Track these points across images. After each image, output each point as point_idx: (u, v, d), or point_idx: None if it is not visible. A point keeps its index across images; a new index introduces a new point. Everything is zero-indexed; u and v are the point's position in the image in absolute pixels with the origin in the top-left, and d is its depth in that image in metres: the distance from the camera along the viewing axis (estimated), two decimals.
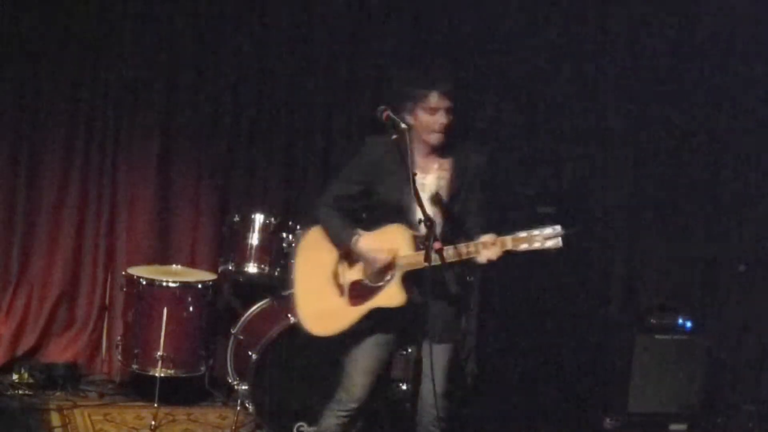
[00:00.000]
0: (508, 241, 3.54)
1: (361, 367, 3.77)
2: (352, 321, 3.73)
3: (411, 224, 3.66)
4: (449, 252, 3.54)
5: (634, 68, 6.29)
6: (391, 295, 3.67)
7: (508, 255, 3.57)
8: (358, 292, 3.76)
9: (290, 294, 4.08)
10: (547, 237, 3.51)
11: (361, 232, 3.73)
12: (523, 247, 3.52)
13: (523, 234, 3.53)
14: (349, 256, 3.79)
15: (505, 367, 6.12)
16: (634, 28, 6.28)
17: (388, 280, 3.69)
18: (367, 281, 3.75)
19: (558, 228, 3.51)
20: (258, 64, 5.82)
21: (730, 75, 6.26)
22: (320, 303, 3.82)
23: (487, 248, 3.54)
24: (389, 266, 3.68)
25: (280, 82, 5.87)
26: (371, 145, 3.78)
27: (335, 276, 3.81)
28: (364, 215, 3.89)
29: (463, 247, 3.57)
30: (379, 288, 3.71)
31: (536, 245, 3.51)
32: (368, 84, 5.94)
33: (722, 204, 6.34)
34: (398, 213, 3.69)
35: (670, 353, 5.68)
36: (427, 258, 3.42)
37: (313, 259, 3.87)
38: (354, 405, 3.79)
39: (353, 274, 3.79)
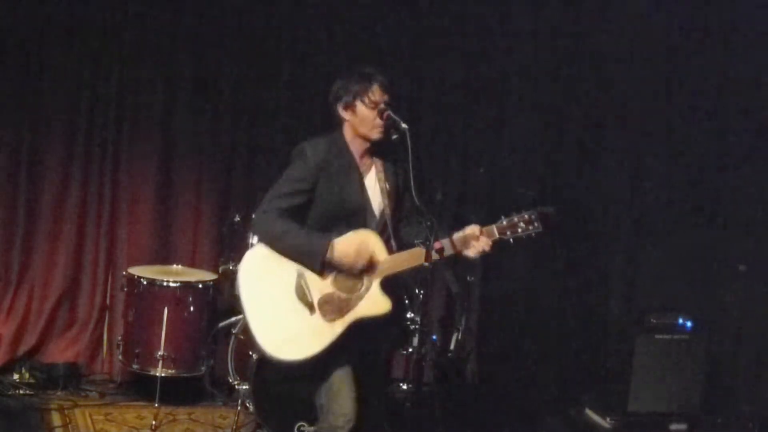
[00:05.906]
0: (494, 230, 3.57)
1: (348, 383, 3.56)
2: (333, 337, 3.50)
3: (367, 226, 3.57)
4: (447, 248, 3.51)
5: (633, 69, 6.30)
6: (375, 303, 3.51)
7: (497, 246, 3.60)
8: (333, 306, 3.53)
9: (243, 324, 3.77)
10: (527, 221, 3.56)
11: (333, 237, 3.50)
12: (509, 233, 3.57)
13: (504, 222, 3.58)
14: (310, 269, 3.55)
15: (505, 367, 6.13)
16: (633, 29, 6.29)
17: (366, 288, 3.52)
18: (340, 292, 3.53)
19: (534, 211, 3.58)
20: (258, 64, 5.82)
21: (730, 75, 6.26)
22: (289, 328, 3.52)
23: (476, 240, 3.53)
24: (367, 271, 3.52)
25: (280, 82, 5.88)
26: (314, 147, 3.58)
27: (301, 294, 3.52)
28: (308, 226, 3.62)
29: (457, 241, 3.54)
30: (358, 298, 3.52)
31: (519, 231, 3.57)
32: None
33: (722, 204, 6.34)
34: (352, 215, 3.56)
35: (670, 353, 5.68)
36: (428, 257, 3.39)
37: (266, 282, 3.56)
38: (351, 425, 3.53)
39: (322, 287, 3.54)
